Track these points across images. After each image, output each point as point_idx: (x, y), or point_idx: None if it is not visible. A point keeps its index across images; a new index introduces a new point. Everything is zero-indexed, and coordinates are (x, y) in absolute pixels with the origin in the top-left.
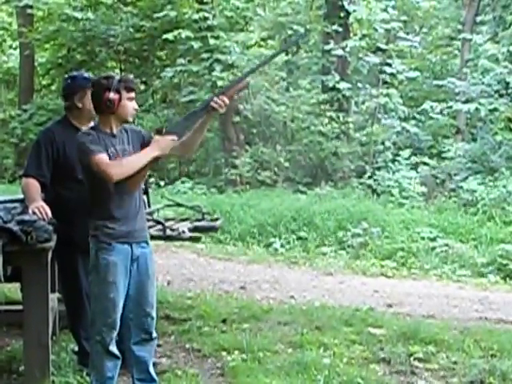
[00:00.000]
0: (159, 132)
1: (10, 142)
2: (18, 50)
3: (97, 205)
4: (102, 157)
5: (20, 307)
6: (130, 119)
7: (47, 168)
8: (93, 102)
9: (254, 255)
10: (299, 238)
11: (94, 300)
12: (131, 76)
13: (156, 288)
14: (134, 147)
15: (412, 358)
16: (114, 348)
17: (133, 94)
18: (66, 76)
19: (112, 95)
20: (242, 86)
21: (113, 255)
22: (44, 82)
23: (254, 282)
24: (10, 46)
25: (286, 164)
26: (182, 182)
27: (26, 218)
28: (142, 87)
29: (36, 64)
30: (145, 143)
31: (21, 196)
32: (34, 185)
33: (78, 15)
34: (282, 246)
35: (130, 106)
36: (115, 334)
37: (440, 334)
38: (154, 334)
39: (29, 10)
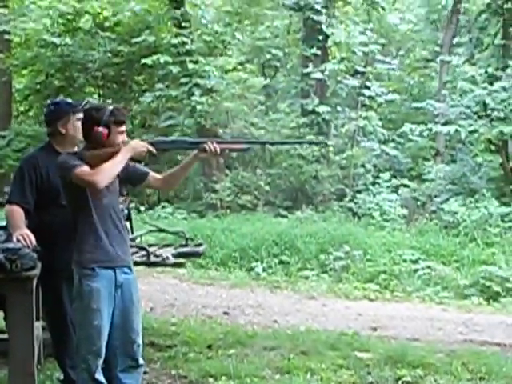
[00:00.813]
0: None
1: None
2: None
3: (80, 230)
4: (84, 168)
5: (3, 335)
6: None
7: (31, 195)
8: (82, 131)
9: (236, 279)
10: (281, 262)
11: (79, 327)
12: (122, 108)
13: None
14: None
15: (400, 382)
16: (100, 376)
17: (123, 128)
18: (49, 102)
19: (101, 129)
20: (238, 148)
21: (96, 281)
22: (22, 108)
23: (237, 306)
24: None
25: (267, 188)
26: (163, 207)
27: (11, 245)
28: None
29: (14, 90)
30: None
31: (2, 223)
32: (17, 212)
33: (56, 41)
34: (263, 270)
35: (119, 139)
36: (101, 361)
37: (427, 357)
38: (141, 361)
39: (6, 36)
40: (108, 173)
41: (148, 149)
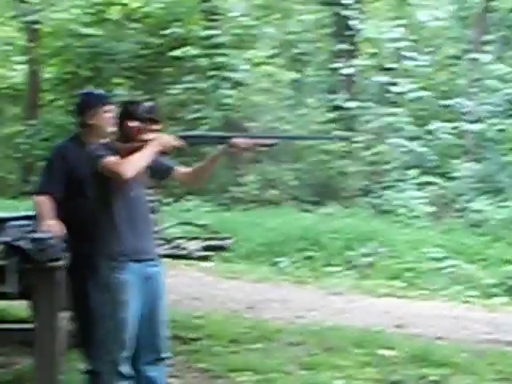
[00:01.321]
0: None
1: (15, 157)
2: (24, 66)
3: (107, 222)
4: (112, 158)
5: (30, 325)
6: None
7: (59, 185)
8: (116, 123)
9: (261, 274)
10: (306, 257)
11: (106, 320)
12: (158, 107)
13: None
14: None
15: (424, 381)
16: (125, 368)
17: (157, 126)
18: (80, 92)
19: (133, 124)
20: (268, 142)
21: (124, 274)
22: (49, 98)
23: (262, 301)
24: (17, 61)
25: (293, 182)
26: (188, 200)
27: (38, 235)
28: None
29: (42, 80)
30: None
31: (30, 213)
32: (46, 202)
33: (85, 31)
34: (288, 265)
35: (150, 137)
36: (126, 353)
37: (452, 356)
38: (166, 354)
39: (35, 26)
40: (135, 165)
41: (177, 143)
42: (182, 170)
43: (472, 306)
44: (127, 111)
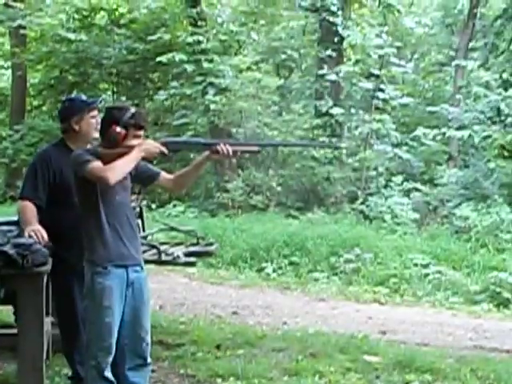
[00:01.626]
0: None
1: (1, 162)
2: (10, 71)
3: (91, 227)
4: (97, 164)
5: (13, 331)
6: None
7: (43, 191)
8: (101, 128)
9: (246, 280)
10: (291, 263)
11: (90, 325)
12: (144, 112)
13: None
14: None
15: None
16: (108, 373)
17: (141, 132)
18: (64, 98)
19: (119, 130)
20: (250, 150)
21: (108, 279)
22: (36, 103)
23: (247, 306)
24: (2, 66)
25: (278, 188)
26: (174, 206)
27: (22, 241)
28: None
29: (28, 85)
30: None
31: (15, 218)
32: (29, 207)
33: (71, 36)
34: (274, 270)
35: (134, 142)
36: (111, 358)
37: (436, 362)
38: (149, 360)
39: (22, 31)
40: (120, 170)
41: (160, 149)
42: (167, 176)
43: (456, 313)
44: (113, 117)
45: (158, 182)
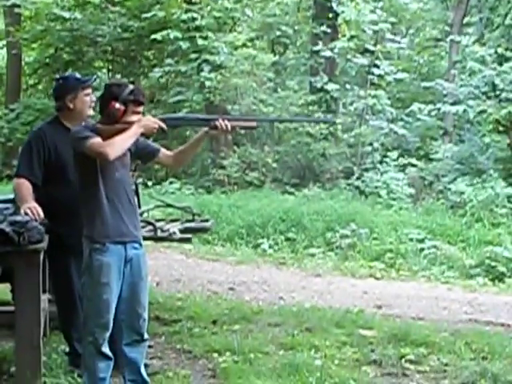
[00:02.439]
0: None
1: None
2: (4, 50)
3: (90, 204)
4: (96, 140)
5: (10, 308)
6: None
7: (38, 168)
8: (100, 104)
9: (243, 256)
10: (287, 239)
11: (87, 301)
12: (142, 89)
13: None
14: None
15: (403, 360)
16: (106, 349)
17: (140, 109)
18: (58, 77)
19: (118, 105)
20: (248, 125)
21: (106, 256)
22: (31, 82)
23: (243, 282)
24: None
25: (274, 165)
26: (170, 183)
27: (18, 218)
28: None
29: (23, 63)
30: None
31: (11, 196)
32: (25, 185)
33: (66, 15)
34: (270, 246)
35: (133, 118)
36: (108, 334)
37: (430, 336)
38: (146, 336)
39: (16, 10)
40: (119, 146)
41: (159, 125)
42: (166, 152)
43: (452, 287)
44: (112, 93)
45: (157, 159)
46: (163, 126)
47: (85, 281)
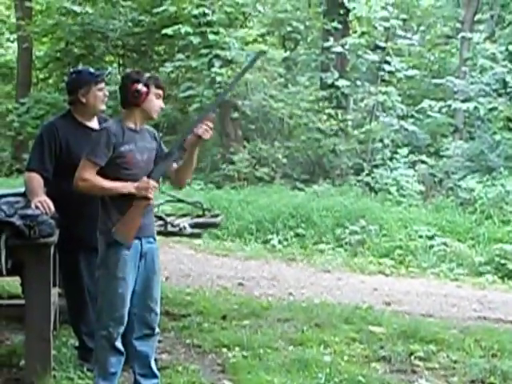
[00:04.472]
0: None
1: (7, 135)
2: (15, 43)
3: (108, 198)
4: (91, 165)
5: (20, 301)
6: (155, 116)
7: (50, 162)
8: (120, 94)
9: (252, 251)
10: (297, 235)
11: (102, 295)
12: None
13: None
14: (154, 147)
15: (412, 357)
16: (119, 344)
17: (161, 92)
18: (71, 70)
19: (140, 87)
20: (213, 115)
21: (123, 250)
22: (41, 76)
23: (252, 278)
24: (8, 39)
25: (284, 160)
26: None
27: (29, 212)
28: None
29: (34, 57)
30: (157, 151)
31: (21, 189)
32: (36, 179)
33: (77, 9)
34: (279, 242)
35: (156, 102)
36: (122, 329)
37: (440, 333)
38: (157, 330)
39: (27, 3)
40: (94, 189)
41: (151, 191)
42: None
43: (461, 284)
44: (132, 78)
45: (168, 174)
46: (156, 185)
47: (100, 275)
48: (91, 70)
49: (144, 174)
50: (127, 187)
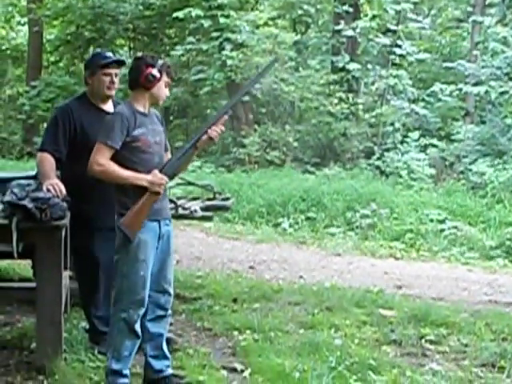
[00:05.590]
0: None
1: (18, 118)
2: (26, 27)
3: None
4: (107, 149)
5: (31, 284)
6: (161, 103)
7: (63, 144)
8: (131, 76)
9: (263, 235)
10: (308, 218)
11: (123, 278)
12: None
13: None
14: (161, 130)
15: (423, 341)
16: (138, 327)
17: (170, 81)
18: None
19: (154, 71)
20: (226, 117)
21: (144, 233)
22: (52, 59)
23: (263, 261)
24: (19, 23)
25: (295, 144)
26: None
27: (41, 195)
28: None
29: (44, 41)
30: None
31: (32, 172)
32: (49, 160)
33: None
34: (290, 225)
35: (165, 90)
36: (142, 311)
37: (450, 316)
38: (169, 311)
39: None
40: (109, 176)
41: (162, 186)
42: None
43: (472, 268)
44: (147, 61)
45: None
46: (167, 180)
47: (120, 258)
48: (108, 54)
49: (158, 157)
50: (141, 180)
